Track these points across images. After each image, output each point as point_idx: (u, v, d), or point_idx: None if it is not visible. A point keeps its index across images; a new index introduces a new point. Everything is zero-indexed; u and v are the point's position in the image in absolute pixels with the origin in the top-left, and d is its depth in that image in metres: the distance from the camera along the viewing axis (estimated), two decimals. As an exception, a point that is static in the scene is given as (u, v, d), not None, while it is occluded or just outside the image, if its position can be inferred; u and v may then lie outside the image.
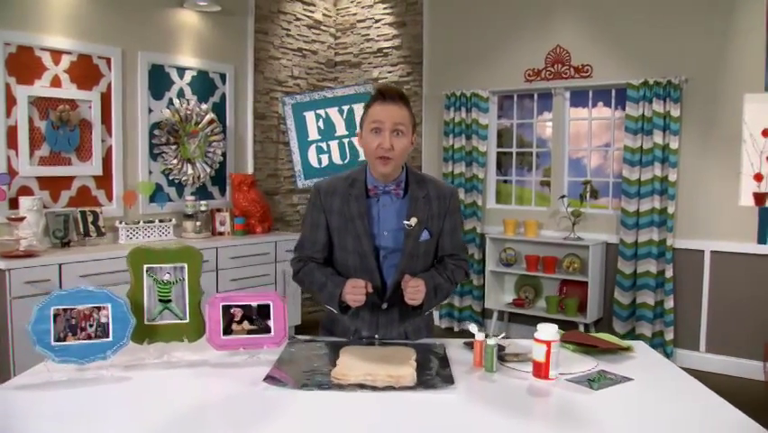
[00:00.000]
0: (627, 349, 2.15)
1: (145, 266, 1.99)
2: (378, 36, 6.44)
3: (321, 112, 6.15)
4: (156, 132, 5.01)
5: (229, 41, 5.58)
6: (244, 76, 5.74)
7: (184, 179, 5.20)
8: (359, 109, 6.24)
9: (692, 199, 4.81)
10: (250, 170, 5.83)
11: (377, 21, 6.44)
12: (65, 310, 1.81)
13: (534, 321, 5.58)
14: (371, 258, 2.18)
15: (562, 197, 5.32)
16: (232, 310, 1.99)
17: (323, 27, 6.56)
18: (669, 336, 4.82)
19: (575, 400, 1.72)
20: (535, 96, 5.66)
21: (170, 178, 5.15)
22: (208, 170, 5.36)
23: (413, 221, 2.16)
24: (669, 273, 4.81)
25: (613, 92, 5.24)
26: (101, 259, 4.17)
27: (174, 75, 5.15)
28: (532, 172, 5.85)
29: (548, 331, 1.85)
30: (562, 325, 5.25)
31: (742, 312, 4.63)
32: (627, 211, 4.97)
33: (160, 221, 4.91)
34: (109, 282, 4.17)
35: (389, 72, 6.39)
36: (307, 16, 6.37)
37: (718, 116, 4.67)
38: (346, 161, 6.23)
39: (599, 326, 5.18)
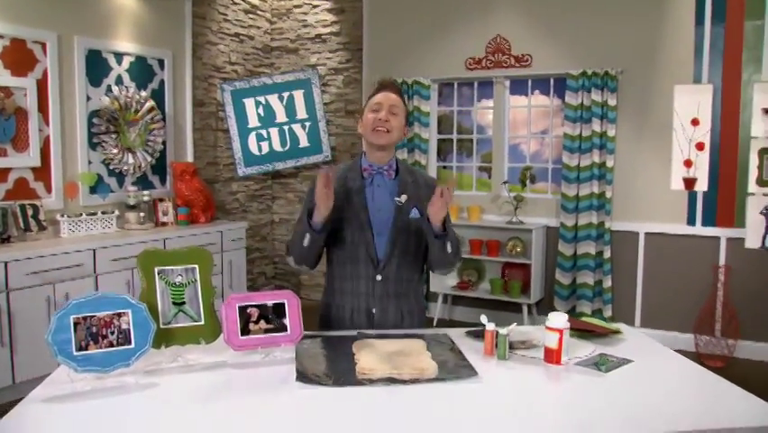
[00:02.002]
0: (617, 332, 2.30)
1: (156, 269, 1.95)
2: (315, 22, 6.38)
3: (261, 99, 6.05)
4: (95, 120, 4.79)
5: (167, 26, 5.38)
6: (183, 62, 5.56)
7: (125, 168, 5.01)
8: (299, 96, 6.18)
9: (628, 184, 5.10)
10: (189, 159, 5.67)
11: (314, 6, 6.38)
12: (84, 319, 1.75)
13: (477, 303, 5.80)
14: (367, 230, 2.32)
15: (505, 182, 5.51)
16: (248, 310, 1.98)
17: (259, 12, 6.43)
18: (607, 312, 5.12)
19: (591, 383, 1.84)
20: (475, 84, 5.80)
21: (111, 167, 4.94)
22: (149, 158, 5.19)
23: (403, 198, 2.36)
24: (607, 254, 5.10)
25: (551, 81, 5.45)
26: (47, 255, 3.99)
27: (112, 61, 4.93)
28: (472, 158, 6.01)
29: (560, 320, 1.96)
30: (507, 306, 5.52)
31: (673, 288, 4.99)
32: (567, 196, 5.21)
33: (103, 213, 4.73)
34: (57, 279, 4.02)
35: (328, 59, 6.36)
36: (244, 1, 6.22)
37: (652, 106, 4.97)
38: (287, 148, 6.18)
39: (541, 306, 5.42)
